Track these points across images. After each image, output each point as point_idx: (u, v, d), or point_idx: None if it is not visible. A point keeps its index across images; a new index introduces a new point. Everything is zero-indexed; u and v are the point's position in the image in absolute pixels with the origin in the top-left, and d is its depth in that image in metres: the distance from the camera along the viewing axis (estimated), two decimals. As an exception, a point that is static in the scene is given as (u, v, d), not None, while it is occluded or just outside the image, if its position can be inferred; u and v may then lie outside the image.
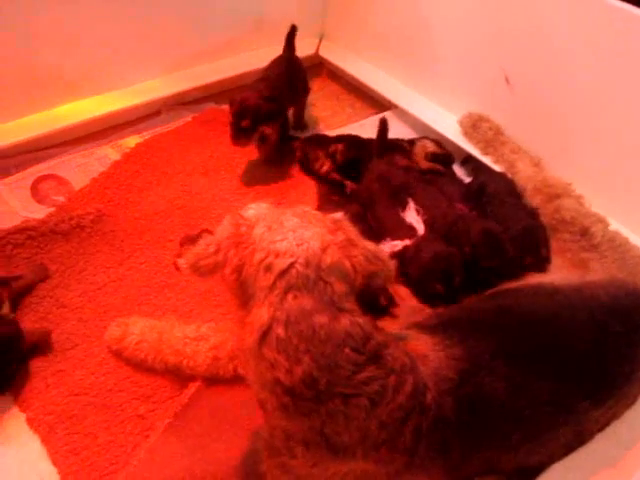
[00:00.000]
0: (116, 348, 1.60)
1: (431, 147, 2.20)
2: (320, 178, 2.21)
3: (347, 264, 1.14)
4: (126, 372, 1.58)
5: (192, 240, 1.85)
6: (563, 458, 1.32)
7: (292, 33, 2.39)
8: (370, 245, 1.21)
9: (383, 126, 2.12)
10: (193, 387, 1.54)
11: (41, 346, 1.61)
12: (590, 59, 1.87)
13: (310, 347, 1.06)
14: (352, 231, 1.20)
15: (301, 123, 2.49)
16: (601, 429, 1.36)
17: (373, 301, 1.69)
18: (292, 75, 2.33)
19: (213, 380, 1.55)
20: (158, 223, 2.00)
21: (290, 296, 1.08)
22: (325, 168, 2.17)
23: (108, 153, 2.29)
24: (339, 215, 1.23)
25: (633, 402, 1.41)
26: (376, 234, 1.86)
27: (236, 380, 1.53)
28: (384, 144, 2.15)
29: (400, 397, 1.12)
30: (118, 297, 1.76)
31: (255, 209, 1.26)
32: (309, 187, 2.20)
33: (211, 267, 1.16)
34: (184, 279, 1.81)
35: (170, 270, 1.84)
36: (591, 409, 1.28)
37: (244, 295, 1.14)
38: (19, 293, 1.70)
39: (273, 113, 2.12)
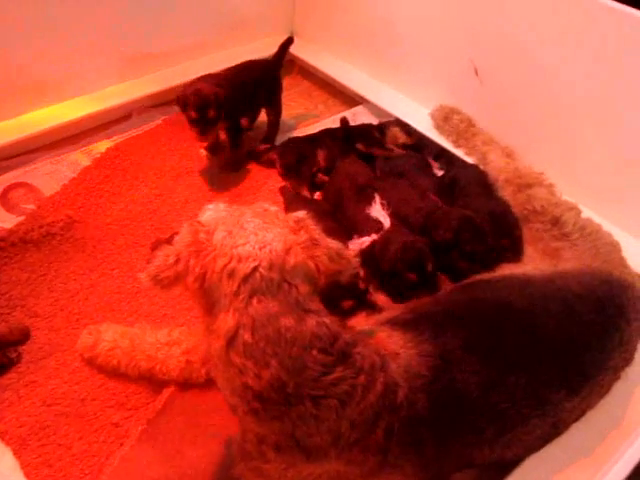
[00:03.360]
0: (89, 356, 1.58)
1: (402, 137, 2.20)
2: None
3: (311, 264, 1.14)
4: (100, 380, 1.57)
5: (163, 244, 1.83)
6: (539, 450, 1.32)
7: (287, 44, 2.35)
8: (333, 243, 1.20)
9: (344, 125, 2.12)
10: (167, 392, 1.53)
11: (24, 341, 1.61)
12: (556, 48, 1.88)
13: (277, 350, 1.06)
14: (315, 230, 1.18)
15: (271, 138, 2.37)
16: (576, 419, 1.36)
17: (351, 287, 1.68)
18: (264, 85, 2.25)
19: (187, 385, 1.54)
20: (130, 228, 1.98)
21: (255, 300, 1.07)
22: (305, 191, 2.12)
23: (79, 159, 2.27)
24: (302, 214, 1.21)
25: (607, 391, 1.41)
26: (347, 232, 1.86)
27: (209, 384, 1.52)
28: (348, 142, 2.16)
29: (370, 396, 1.12)
30: (90, 304, 1.75)
31: (213, 211, 1.24)
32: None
33: (172, 279, 1.13)
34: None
35: (142, 275, 1.82)
36: (566, 399, 1.29)
37: (209, 302, 1.12)
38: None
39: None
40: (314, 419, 1.08)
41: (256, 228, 1.13)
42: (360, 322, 1.60)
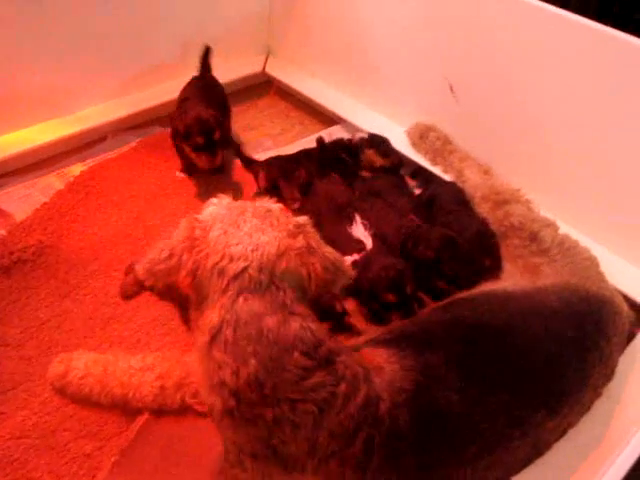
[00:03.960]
0: (59, 385, 1.54)
1: (378, 160, 2.18)
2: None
3: (303, 271, 1.15)
4: (71, 410, 1.52)
5: (131, 269, 1.80)
6: (520, 472, 1.29)
7: (206, 54, 2.38)
8: (330, 253, 1.22)
9: (321, 145, 2.11)
10: (140, 420, 1.48)
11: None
12: (530, 64, 1.88)
13: (258, 349, 1.06)
14: (314, 237, 1.21)
15: (228, 142, 2.36)
16: (557, 439, 1.34)
17: (328, 309, 1.66)
18: (210, 96, 2.26)
19: (161, 412, 1.50)
20: (104, 252, 1.94)
21: (241, 299, 1.09)
22: (296, 205, 2.09)
23: (52, 182, 2.23)
24: (304, 219, 1.23)
25: (588, 409, 1.39)
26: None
27: (185, 411, 1.49)
28: (325, 163, 2.15)
29: (351, 407, 1.10)
30: (62, 332, 1.70)
31: (215, 206, 1.25)
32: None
33: (165, 272, 1.17)
34: (130, 309, 1.76)
35: (116, 300, 1.78)
36: (547, 419, 1.26)
37: (198, 298, 1.15)
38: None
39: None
40: (291, 425, 1.07)
41: (252, 229, 1.15)
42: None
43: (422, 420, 1.16)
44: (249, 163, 2.29)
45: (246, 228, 1.14)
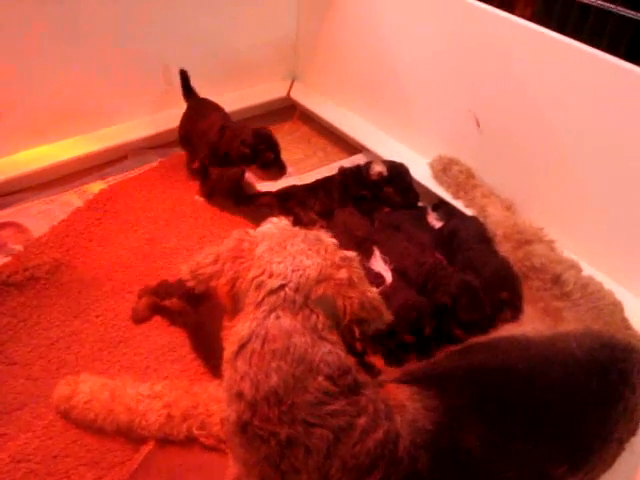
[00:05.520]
0: (64, 408, 1.50)
1: (397, 198, 2.14)
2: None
3: (339, 302, 1.14)
4: (74, 435, 1.48)
5: (151, 292, 1.78)
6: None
7: (185, 78, 2.30)
8: (371, 292, 1.21)
9: (343, 176, 2.09)
10: (144, 450, 1.44)
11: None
12: (557, 101, 1.85)
13: (282, 365, 1.06)
14: (358, 273, 1.21)
15: None
16: (578, 496, 1.27)
17: (348, 348, 1.62)
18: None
19: (166, 442, 1.46)
20: (118, 273, 1.92)
21: (274, 315, 1.09)
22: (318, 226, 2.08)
23: (71, 199, 2.23)
24: (352, 254, 1.24)
25: (611, 464, 1.32)
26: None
27: (191, 443, 1.44)
28: (346, 194, 2.12)
29: (369, 441, 1.07)
30: (71, 353, 1.68)
31: (271, 224, 1.28)
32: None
33: (207, 276, 1.20)
34: (140, 333, 1.73)
35: (127, 323, 1.76)
36: (569, 475, 1.19)
37: (233, 309, 1.17)
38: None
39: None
40: (304, 448, 1.04)
41: (297, 252, 1.16)
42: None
43: (442, 463, 1.11)
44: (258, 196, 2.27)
45: (292, 250, 1.16)
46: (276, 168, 2.06)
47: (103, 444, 1.47)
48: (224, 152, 2.07)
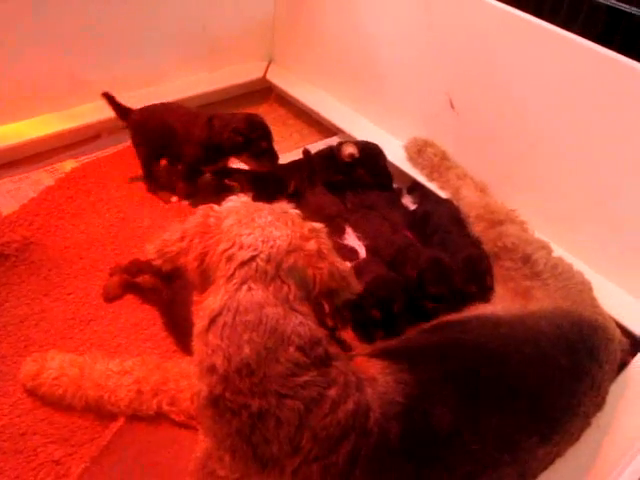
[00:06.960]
0: (31, 385, 1.49)
1: (369, 180, 2.14)
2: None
3: (309, 272, 1.14)
4: (43, 413, 1.47)
5: (123, 270, 1.76)
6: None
7: (110, 101, 2.11)
8: (340, 263, 1.21)
9: (307, 157, 2.08)
10: (114, 427, 1.43)
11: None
12: (532, 83, 1.85)
13: (253, 337, 1.05)
14: (326, 244, 1.21)
15: None
16: (545, 468, 1.29)
17: (320, 322, 1.62)
18: None
19: (136, 418, 1.45)
20: (90, 252, 1.90)
21: (245, 287, 1.08)
22: None
23: (42, 178, 2.19)
24: (319, 225, 1.25)
25: (577, 438, 1.34)
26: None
27: (160, 419, 1.44)
28: (313, 174, 2.12)
29: (339, 413, 1.07)
30: (40, 331, 1.65)
31: (233, 202, 1.26)
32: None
33: (175, 254, 1.19)
34: (111, 312, 1.71)
35: (98, 302, 1.74)
36: (537, 447, 1.22)
37: (204, 283, 1.16)
38: None
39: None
40: (275, 419, 1.04)
41: (266, 224, 1.15)
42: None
43: (412, 435, 1.11)
44: (231, 173, 2.24)
45: (260, 222, 1.15)
46: (268, 157, 2.03)
47: (72, 421, 1.45)
48: (217, 143, 1.99)
